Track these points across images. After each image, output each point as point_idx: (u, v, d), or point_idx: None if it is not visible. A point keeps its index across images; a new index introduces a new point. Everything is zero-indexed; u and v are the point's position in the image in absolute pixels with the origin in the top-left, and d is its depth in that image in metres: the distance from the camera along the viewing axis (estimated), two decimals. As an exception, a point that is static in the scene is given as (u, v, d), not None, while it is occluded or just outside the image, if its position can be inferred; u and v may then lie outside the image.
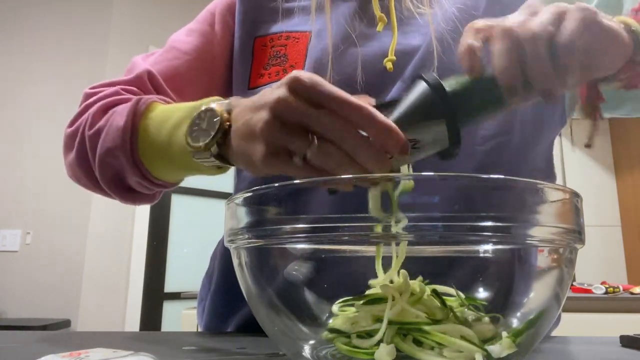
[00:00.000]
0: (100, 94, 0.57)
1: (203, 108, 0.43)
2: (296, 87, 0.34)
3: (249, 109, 0.38)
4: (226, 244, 0.36)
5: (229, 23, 0.66)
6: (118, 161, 0.51)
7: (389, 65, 0.56)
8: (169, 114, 0.49)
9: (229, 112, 0.42)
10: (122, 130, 0.50)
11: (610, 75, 0.44)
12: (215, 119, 0.41)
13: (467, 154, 0.55)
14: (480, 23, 0.40)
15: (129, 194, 0.55)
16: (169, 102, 0.55)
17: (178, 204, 3.09)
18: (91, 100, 0.57)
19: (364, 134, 0.34)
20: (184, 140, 0.44)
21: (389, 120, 0.34)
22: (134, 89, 0.58)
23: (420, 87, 0.37)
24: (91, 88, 0.60)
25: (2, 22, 2.96)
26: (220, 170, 0.46)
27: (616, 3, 0.60)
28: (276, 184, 0.30)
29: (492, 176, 0.28)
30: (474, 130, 0.55)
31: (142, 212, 2.86)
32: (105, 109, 0.54)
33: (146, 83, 0.59)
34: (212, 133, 0.41)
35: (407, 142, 0.34)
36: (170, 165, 0.50)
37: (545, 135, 0.62)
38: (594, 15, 0.38)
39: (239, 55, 0.64)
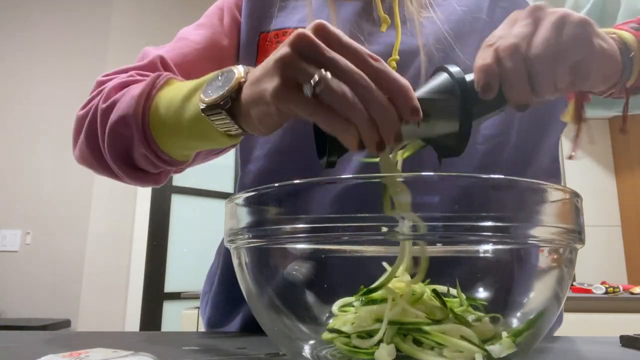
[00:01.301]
0: (115, 79, 0.57)
1: (222, 70, 0.43)
2: (320, 31, 0.35)
3: (267, 59, 0.38)
4: (226, 244, 0.36)
5: (237, 18, 0.67)
6: (128, 130, 0.50)
7: (393, 64, 0.56)
8: (186, 84, 0.48)
9: (247, 73, 0.42)
10: (137, 97, 0.49)
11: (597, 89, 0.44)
12: (231, 77, 0.42)
13: (467, 153, 0.55)
14: (489, 39, 0.40)
15: (134, 172, 0.55)
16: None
17: (178, 204, 3.09)
18: (105, 85, 0.56)
19: None
20: (197, 103, 0.43)
21: (405, 80, 0.34)
22: (148, 73, 0.58)
23: (442, 76, 0.38)
24: (104, 75, 0.60)
25: (2, 22, 2.96)
26: (230, 139, 0.45)
27: (612, 7, 0.60)
28: (276, 184, 0.30)
29: (492, 176, 0.28)
30: (475, 130, 0.56)
31: (142, 212, 2.86)
32: (122, 86, 0.54)
33: (159, 67, 0.59)
34: (226, 87, 0.41)
35: (419, 107, 0.34)
36: (180, 134, 0.49)
37: (551, 134, 0.62)
38: (565, 18, 0.38)
39: (245, 50, 0.64)
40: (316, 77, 0.33)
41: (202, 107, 0.42)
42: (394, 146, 0.36)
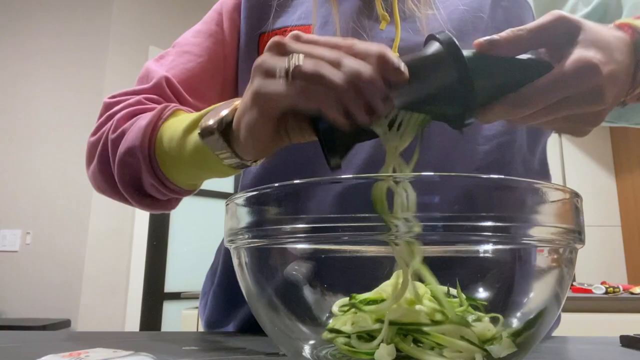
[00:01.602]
0: (123, 104, 0.57)
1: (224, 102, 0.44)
2: (294, 37, 0.36)
3: None
4: (226, 244, 0.36)
5: (236, 21, 0.67)
6: (136, 161, 0.51)
7: None
8: (190, 115, 0.49)
9: None
10: (143, 129, 0.50)
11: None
12: (229, 104, 0.43)
13: (468, 154, 0.55)
14: None
15: (145, 199, 0.56)
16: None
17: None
18: (115, 109, 0.57)
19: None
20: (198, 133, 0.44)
21: (381, 45, 0.34)
22: (155, 97, 0.59)
23: (433, 45, 0.36)
24: (111, 97, 0.60)
25: (2, 23, 2.96)
26: (232, 170, 0.46)
27: (615, 9, 0.60)
28: (276, 184, 0.30)
29: (492, 176, 0.28)
30: (476, 130, 0.56)
31: (142, 212, 2.86)
32: (130, 116, 0.55)
33: (165, 90, 0.60)
34: (224, 113, 0.42)
35: (401, 64, 0.33)
36: (184, 165, 0.50)
37: (546, 133, 0.62)
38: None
39: (244, 52, 0.64)
40: (289, 62, 0.34)
41: (198, 132, 0.44)
42: (388, 115, 0.35)
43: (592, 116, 0.38)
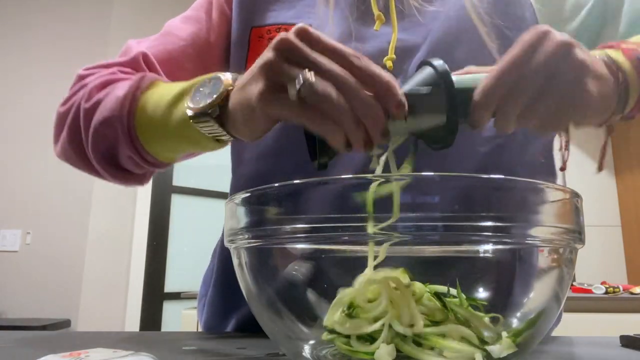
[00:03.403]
0: (97, 74, 0.56)
1: (208, 76, 0.43)
2: (302, 34, 0.35)
3: (258, 58, 0.38)
4: (226, 244, 0.36)
5: (226, 12, 0.65)
6: (113, 131, 0.49)
7: (389, 63, 0.55)
8: (172, 87, 0.48)
9: (235, 80, 0.42)
10: (122, 99, 0.49)
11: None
12: (219, 84, 0.42)
13: (467, 155, 0.55)
14: None
15: (118, 172, 0.54)
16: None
17: (178, 204, 3.09)
18: (87, 80, 0.56)
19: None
20: (184, 109, 0.43)
21: (389, 74, 0.34)
22: (130, 70, 0.58)
23: (426, 70, 0.37)
24: (85, 69, 0.59)
25: (1, 22, 2.96)
26: (218, 144, 0.45)
27: (613, 15, 0.60)
28: (276, 184, 0.30)
29: (492, 176, 0.28)
30: (474, 133, 0.55)
31: (142, 212, 2.86)
32: (104, 85, 0.53)
33: (141, 65, 0.58)
34: (214, 95, 0.41)
35: (404, 102, 0.34)
36: (167, 138, 0.48)
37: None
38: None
39: (235, 44, 0.63)
40: (300, 79, 0.33)
41: (189, 115, 0.43)
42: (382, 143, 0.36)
43: (581, 98, 0.37)
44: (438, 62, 0.37)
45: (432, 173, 0.27)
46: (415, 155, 0.39)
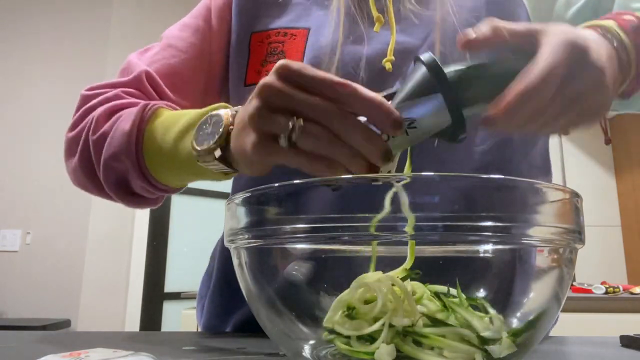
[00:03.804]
0: (101, 97, 0.56)
1: (210, 113, 0.44)
2: (283, 72, 0.34)
3: (245, 106, 0.39)
4: (226, 244, 0.36)
5: (226, 18, 0.65)
6: (123, 165, 0.51)
7: (388, 65, 0.55)
8: (176, 120, 0.49)
9: (234, 116, 0.42)
10: (127, 135, 0.50)
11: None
12: (220, 123, 0.42)
13: (466, 154, 0.55)
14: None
15: (132, 198, 0.55)
16: (175, 108, 0.55)
17: (178, 204, 3.09)
18: (92, 103, 0.56)
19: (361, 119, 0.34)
20: (189, 146, 0.44)
21: (378, 95, 0.33)
22: (134, 91, 0.58)
23: (416, 67, 0.36)
24: (88, 90, 0.59)
25: (2, 21, 2.96)
26: (227, 175, 0.46)
27: (607, 2, 0.60)
28: (276, 184, 0.30)
29: (492, 176, 0.28)
30: (473, 131, 0.55)
31: (142, 212, 2.86)
32: (109, 113, 0.54)
33: (145, 84, 0.58)
34: (216, 136, 0.42)
35: (400, 118, 0.33)
36: (176, 171, 0.50)
37: None
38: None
39: (235, 50, 0.63)
40: (289, 127, 0.33)
41: (194, 155, 0.43)
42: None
43: (597, 101, 0.37)
44: (426, 57, 0.34)
45: (432, 173, 0.27)
46: (413, 155, 0.39)
